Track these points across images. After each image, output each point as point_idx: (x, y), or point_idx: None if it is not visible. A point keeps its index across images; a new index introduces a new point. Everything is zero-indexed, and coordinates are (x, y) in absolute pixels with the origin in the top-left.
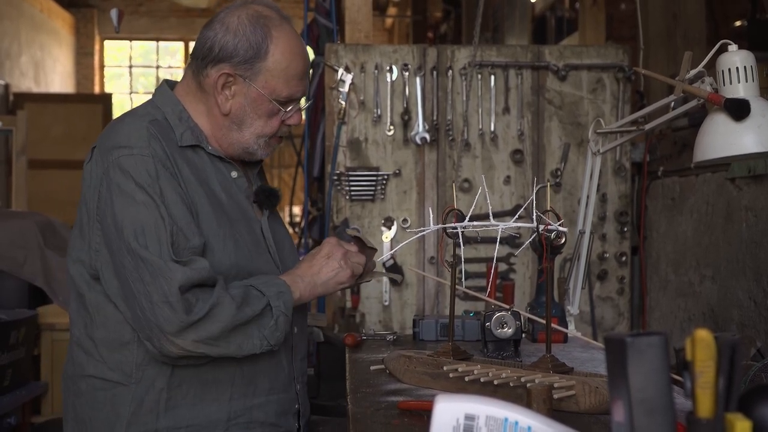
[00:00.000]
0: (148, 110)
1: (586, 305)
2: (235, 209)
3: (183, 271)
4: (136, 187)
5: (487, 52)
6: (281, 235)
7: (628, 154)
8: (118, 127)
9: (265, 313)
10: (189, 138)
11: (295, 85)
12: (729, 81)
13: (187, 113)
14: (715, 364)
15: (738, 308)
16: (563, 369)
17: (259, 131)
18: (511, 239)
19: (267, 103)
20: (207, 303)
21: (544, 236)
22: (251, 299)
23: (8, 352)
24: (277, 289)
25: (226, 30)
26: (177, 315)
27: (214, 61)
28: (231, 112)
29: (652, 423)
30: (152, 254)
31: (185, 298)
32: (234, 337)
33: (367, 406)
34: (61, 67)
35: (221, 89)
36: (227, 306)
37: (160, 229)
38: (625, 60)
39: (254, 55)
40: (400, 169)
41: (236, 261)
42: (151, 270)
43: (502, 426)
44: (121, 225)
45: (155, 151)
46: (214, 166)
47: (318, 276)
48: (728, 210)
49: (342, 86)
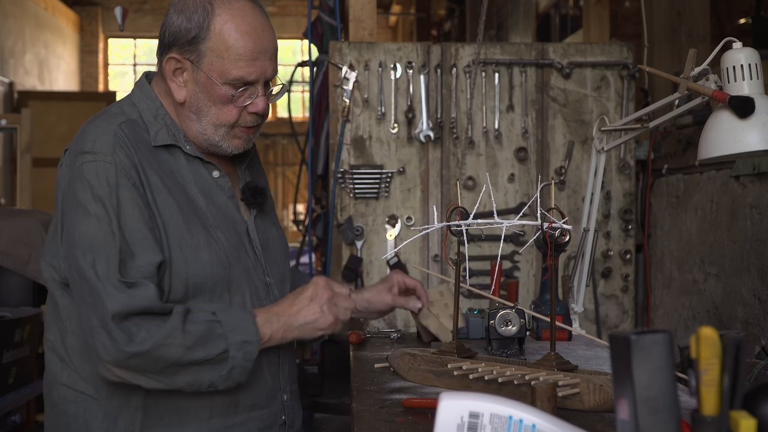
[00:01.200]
0: (123, 109)
1: (591, 303)
2: (214, 213)
3: (120, 299)
4: (92, 198)
5: (491, 50)
6: (271, 235)
7: (632, 151)
8: (87, 129)
9: (220, 359)
10: (164, 137)
11: (245, 66)
12: (733, 78)
13: (164, 109)
14: (720, 362)
15: (742, 306)
16: (567, 367)
17: (215, 120)
18: (515, 237)
19: (218, 87)
20: (152, 337)
21: (549, 234)
22: (210, 340)
23: (12, 350)
24: (243, 337)
25: (174, 12)
26: (114, 344)
27: (165, 48)
28: (186, 100)
29: (657, 421)
30: (95, 275)
31: (125, 326)
32: (180, 375)
33: (371, 404)
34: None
35: (173, 76)
36: (175, 346)
37: (108, 245)
38: (630, 57)
39: (197, 35)
40: (404, 166)
41: (212, 270)
42: (91, 292)
43: (507, 424)
44: (73, 238)
45: (118, 159)
46: (192, 167)
47: (296, 317)
48: (733, 208)
49: (346, 84)
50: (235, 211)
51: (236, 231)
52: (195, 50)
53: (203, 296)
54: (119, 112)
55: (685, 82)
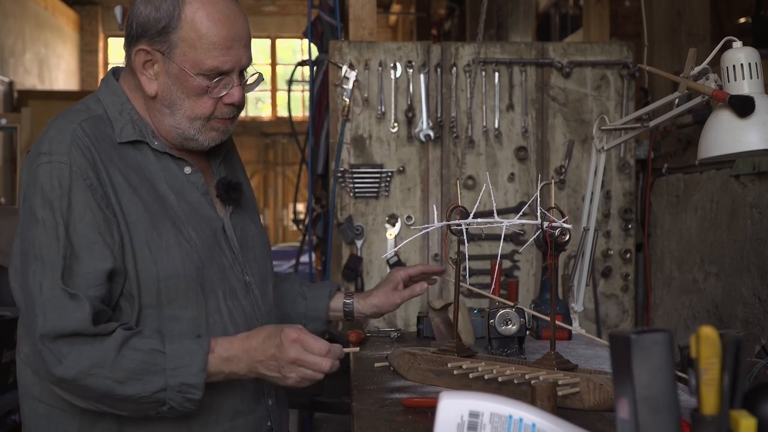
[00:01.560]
0: (88, 105)
1: (591, 302)
2: (186, 210)
3: (51, 318)
4: (41, 201)
5: (491, 49)
6: (250, 233)
7: (632, 151)
8: (47, 129)
9: (156, 397)
10: (130, 133)
11: (219, 55)
12: (733, 78)
13: (130, 104)
14: (720, 361)
15: (742, 305)
16: (567, 366)
17: (190, 113)
18: (515, 236)
19: (191, 79)
20: (80, 364)
21: (549, 233)
22: (146, 375)
23: (12, 350)
24: (183, 379)
25: (141, 2)
26: (45, 364)
27: (133, 40)
28: (158, 94)
29: (657, 420)
30: (36, 283)
31: (56, 347)
32: (119, 405)
33: (371, 403)
34: (66, 65)
35: (143, 69)
36: (102, 378)
37: (52, 251)
38: (630, 57)
39: (167, 24)
40: (404, 166)
41: (183, 271)
42: (28, 305)
43: (507, 423)
44: (22, 246)
45: (74, 159)
46: (161, 164)
47: (258, 365)
48: (733, 207)
49: (346, 83)
50: (209, 208)
51: (211, 229)
52: (165, 41)
53: (178, 300)
54: (83, 108)
55: (685, 82)
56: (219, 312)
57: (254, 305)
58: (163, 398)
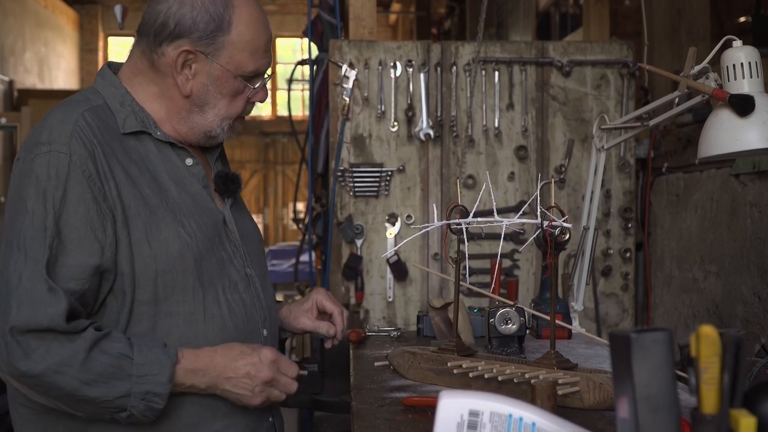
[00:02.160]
0: (87, 96)
1: (590, 301)
2: (187, 201)
3: (24, 312)
4: (34, 191)
5: (491, 48)
6: (248, 227)
7: (632, 150)
8: (47, 117)
9: (117, 402)
10: (132, 123)
11: (261, 58)
12: (734, 77)
13: (130, 96)
14: (720, 360)
15: (742, 304)
16: (567, 365)
17: (224, 113)
18: (515, 235)
19: (232, 80)
20: (47, 360)
21: (549, 232)
22: (113, 379)
23: None
24: (149, 387)
25: (181, 2)
26: (9, 357)
27: (170, 38)
28: (192, 93)
29: (657, 419)
30: (14, 276)
31: (24, 340)
32: (78, 406)
33: (371, 403)
34: (66, 64)
35: (181, 69)
36: (69, 377)
37: (37, 242)
38: (630, 56)
39: (216, 28)
40: (404, 165)
41: (182, 264)
42: (3, 294)
43: (507, 422)
44: (9, 235)
45: (74, 149)
46: (162, 155)
47: (224, 382)
48: (733, 206)
49: (346, 82)
50: (209, 200)
51: (212, 221)
52: (212, 43)
53: (175, 294)
54: (84, 99)
55: (685, 81)
56: (218, 304)
57: (255, 297)
58: (124, 404)
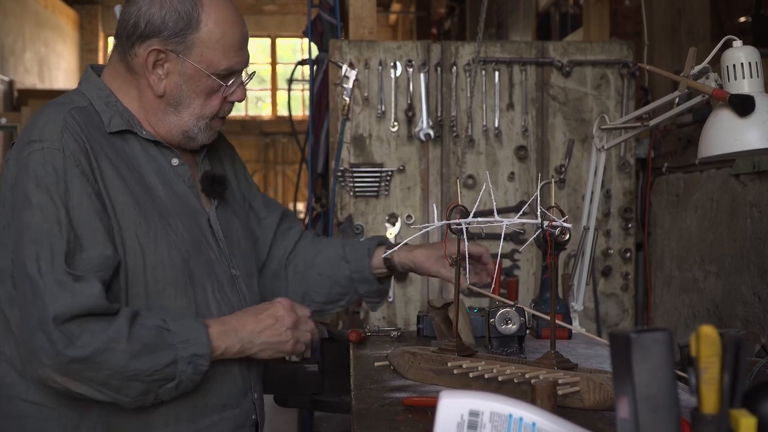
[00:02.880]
0: (72, 98)
1: (591, 301)
2: (173, 201)
3: (63, 299)
4: (36, 187)
5: (491, 48)
6: (234, 227)
7: (632, 150)
8: (35, 118)
9: (167, 371)
10: (118, 123)
11: (233, 56)
12: (734, 77)
13: (115, 97)
14: (720, 361)
15: (742, 304)
16: (567, 365)
17: (199, 112)
18: (515, 235)
19: (205, 78)
20: (95, 341)
21: (549, 232)
22: (158, 349)
23: None
24: (194, 350)
25: (151, 2)
26: (54, 347)
27: (141, 38)
28: (166, 92)
29: (657, 419)
30: (38, 271)
31: (66, 328)
32: (125, 387)
33: (371, 403)
34: (66, 64)
35: (152, 68)
36: (119, 352)
37: (54, 236)
38: (630, 56)
39: (185, 26)
40: (404, 165)
41: (170, 262)
42: (33, 290)
43: (507, 422)
44: (17, 233)
45: (67, 145)
46: (148, 155)
47: (258, 336)
48: (733, 206)
49: (346, 82)
50: (195, 200)
51: (196, 222)
52: (182, 42)
53: (166, 291)
54: (68, 100)
55: (685, 81)
56: (207, 305)
57: (241, 299)
58: (173, 372)
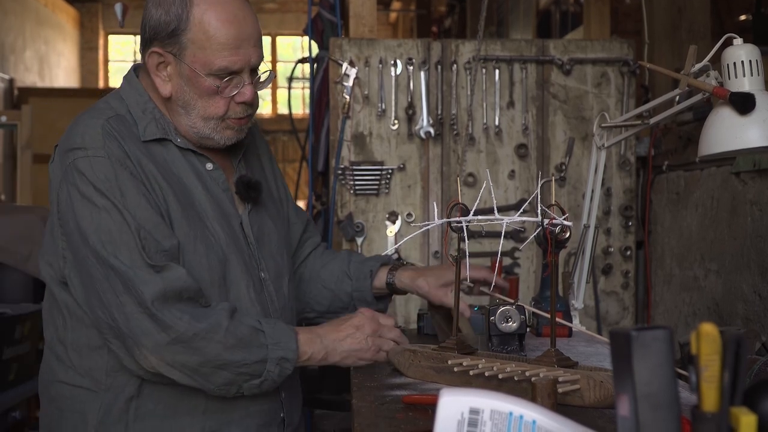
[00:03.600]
0: (110, 104)
1: (591, 299)
2: (211, 204)
3: (155, 282)
4: (95, 191)
5: (492, 47)
6: (266, 229)
7: (632, 148)
8: (74, 126)
9: (255, 368)
10: (153, 131)
11: (228, 56)
12: (734, 75)
13: (152, 103)
14: (720, 358)
15: (743, 302)
16: (568, 363)
17: (204, 113)
18: (515, 233)
19: (203, 79)
20: (194, 327)
21: (549, 230)
22: (251, 345)
23: (13, 347)
24: (283, 353)
25: (152, 5)
26: (157, 327)
27: (147, 43)
28: (172, 94)
29: (657, 417)
30: (122, 263)
31: (167, 311)
32: (214, 376)
33: (371, 401)
34: (66, 62)
35: (156, 71)
36: (215, 342)
37: (125, 234)
38: (630, 54)
39: (176, 27)
40: (405, 163)
41: (208, 263)
42: (122, 280)
43: (507, 420)
44: (86, 232)
45: (111, 151)
46: (186, 159)
47: (341, 344)
48: (733, 204)
49: (346, 80)
50: (229, 204)
51: (230, 224)
52: (176, 43)
53: (204, 288)
54: (107, 107)
55: (685, 79)
56: (240, 305)
57: (268, 301)
58: (261, 370)
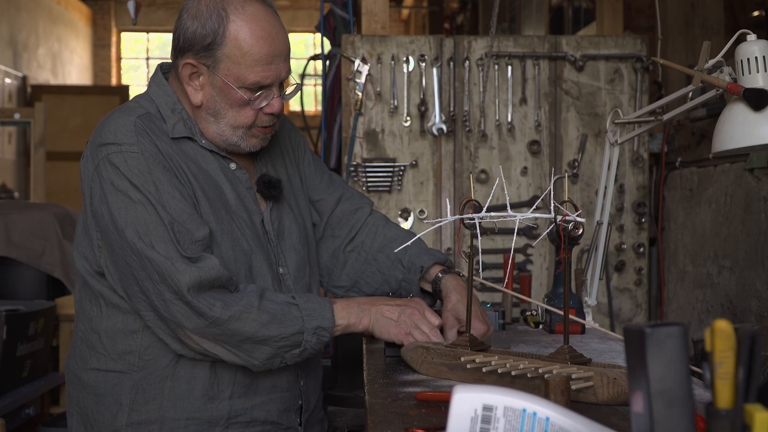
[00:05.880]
0: (141, 103)
1: (604, 296)
2: (235, 201)
3: (191, 272)
4: (130, 185)
5: (504, 43)
6: (286, 224)
7: (645, 144)
8: (106, 122)
9: (293, 339)
10: (181, 130)
11: (261, 71)
12: (748, 71)
13: (180, 104)
14: (735, 355)
15: (756, 299)
16: (581, 360)
17: (233, 122)
18: (528, 230)
19: (235, 91)
20: (227, 311)
21: (562, 227)
22: (285, 320)
23: (27, 343)
24: (318, 322)
25: (188, 17)
26: (194, 313)
27: (180, 52)
28: (203, 103)
29: (672, 414)
30: (159, 253)
31: (202, 298)
32: (257, 351)
33: (384, 397)
34: (79, 59)
35: (189, 80)
36: (250, 321)
37: (160, 226)
38: (643, 50)
39: (212, 41)
40: (417, 160)
41: (234, 256)
42: (159, 270)
43: (521, 417)
44: (122, 225)
45: (144, 146)
46: (213, 156)
47: (377, 308)
48: (747, 201)
49: (359, 77)
50: (252, 202)
51: (252, 221)
52: (211, 56)
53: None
54: (137, 106)
55: (699, 75)
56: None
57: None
58: (299, 340)
